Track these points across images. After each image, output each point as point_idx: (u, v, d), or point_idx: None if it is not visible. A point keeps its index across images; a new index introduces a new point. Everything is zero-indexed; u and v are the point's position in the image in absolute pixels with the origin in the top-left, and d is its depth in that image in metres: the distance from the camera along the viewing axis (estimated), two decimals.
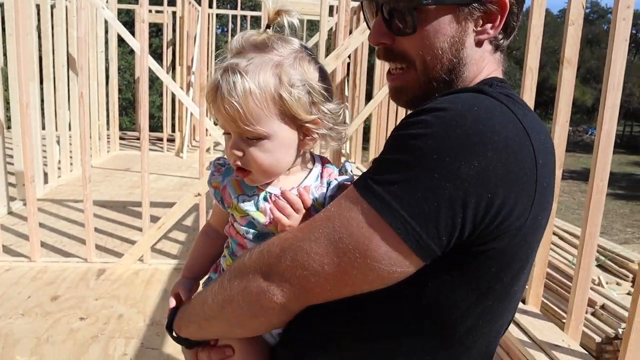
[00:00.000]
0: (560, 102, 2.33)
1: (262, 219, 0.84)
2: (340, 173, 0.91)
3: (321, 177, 0.89)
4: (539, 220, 0.71)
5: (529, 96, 2.49)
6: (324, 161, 0.93)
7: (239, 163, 0.83)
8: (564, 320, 2.41)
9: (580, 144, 18.17)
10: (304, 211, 0.83)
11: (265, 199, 0.85)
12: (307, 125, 0.83)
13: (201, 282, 0.99)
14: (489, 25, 0.77)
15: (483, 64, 0.80)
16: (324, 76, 0.85)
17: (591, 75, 22.06)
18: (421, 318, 0.73)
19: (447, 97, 0.71)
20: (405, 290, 0.69)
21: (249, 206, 0.85)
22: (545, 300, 3.66)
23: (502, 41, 0.81)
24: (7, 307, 2.73)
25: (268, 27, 0.84)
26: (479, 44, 0.79)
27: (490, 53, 0.81)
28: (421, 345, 0.74)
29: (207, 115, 4.18)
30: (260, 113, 0.79)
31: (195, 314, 0.85)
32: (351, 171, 0.92)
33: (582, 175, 12.42)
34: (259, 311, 0.73)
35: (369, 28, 0.86)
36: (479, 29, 0.77)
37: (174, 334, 0.91)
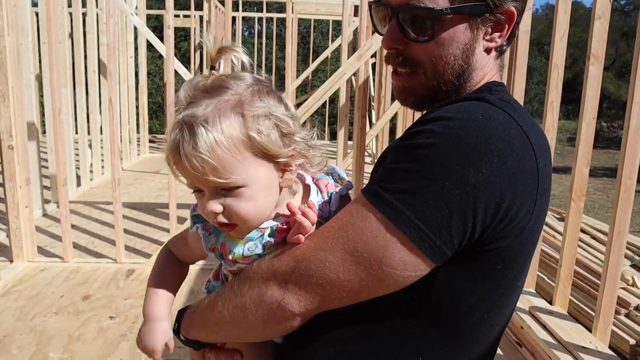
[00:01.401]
0: (586, 98, 2.29)
1: (270, 251, 0.80)
2: (334, 180, 0.89)
3: (320, 191, 0.87)
4: (540, 218, 0.75)
5: (555, 94, 2.44)
6: (305, 170, 0.87)
7: (221, 219, 0.76)
8: (593, 322, 2.36)
9: (616, 140, 17.63)
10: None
11: (271, 235, 0.80)
12: (283, 160, 0.77)
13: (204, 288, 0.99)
14: (497, 34, 0.82)
15: (487, 69, 0.84)
16: (285, 104, 0.81)
17: (627, 69, 21.42)
18: (428, 312, 0.75)
19: (451, 107, 0.74)
20: (413, 285, 0.72)
21: (257, 250, 0.80)
22: (576, 301, 3.58)
23: (505, 47, 0.85)
24: (41, 305, 2.83)
25: (213, 68, 0.78)
26: (487, 51, 0.83)
27: (494, 58, 0.85)
28: (427, 338, 0.77)
29: None
30: (233, 161, 0.72)
31: (205, 319, 0.85)
32: (344, 177, 0.89)
33: (616, 174, 12.03)
34: (274, 320, 0.75)
35: (377, 31, 0.88)
36: (488, 37, 0.82)
37: (181, 336, 0.92)
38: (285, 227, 0.80)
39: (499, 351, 2.30)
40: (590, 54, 2.26)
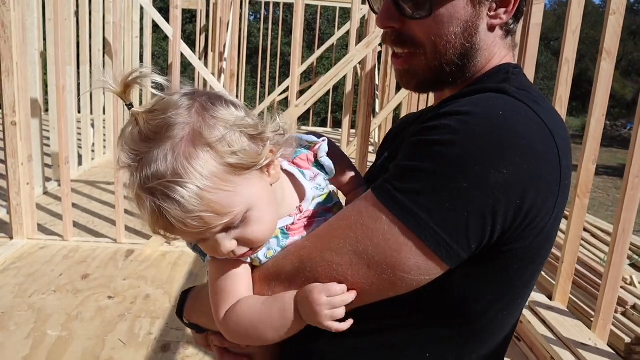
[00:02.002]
0: (597, 95, 2.26)
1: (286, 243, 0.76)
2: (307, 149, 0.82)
3: (304, 169, 0.80)
4: (559, 216, 0.71)
5: (564, 88, 2.42)
6: (285, 156, 0.78)
7: (240, 251, 0.71)
8: (592, 319, 2.36)
9: (618, 139, 17.60)
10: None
11: (284, 233, 0.76)
12: (265, 162, 0.70)
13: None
14: (502, 10, 0.76)
15: (495, 49, 0.79)
16: (233, 103, 0.71)
17: (633, 68, 21.30)
18: (439, 311, 0.72)
19: (468, 99, 0.69)
20: (425, 284, 0.68)
21: (278, 248, 0.76)
22: (574, 298, 3.58)
23: (512, 26, 0.79)
24: (40, 283, 2.83)
25: (129, 106, 0.66)
26: (491, 28, 0.77)
27: (502, 38, 0.79)
28: (436, 338, 0.74)
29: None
30: (227, 195, 0.65)
31: (209, 308, 0.79)
32: (313, 139, 0.81)
33: (618, 172, 12.03)
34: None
35: (373, 11, 0.84)
36: (492, 13, 0.76)
37: (184, 319, 0.89)
38: (293, 224, 0.76)
39: None
40: (603, 50, 2.24)
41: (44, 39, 4.41)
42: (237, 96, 6.60)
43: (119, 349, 2.25)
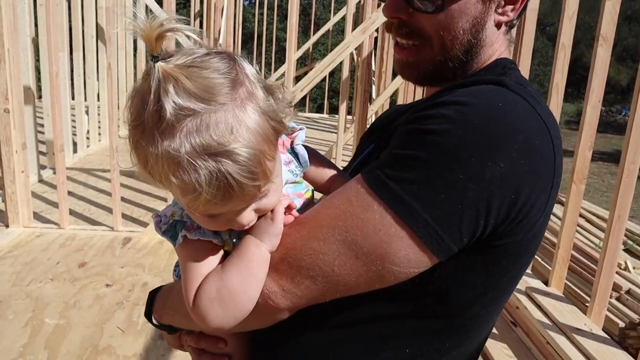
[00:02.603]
0: (593, 81, 2.26)
1: None
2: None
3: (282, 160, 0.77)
4: (549, 214, 0.70)
5: (560, 74, 2.41)
6: None
7: (253, 223, 0.68)
8: (587, 304, 2.38)
9: (613, 125, 17.65)
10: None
11: None
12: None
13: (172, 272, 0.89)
14: (509, 7, 0.76)
15: (497, 45, 0.79)
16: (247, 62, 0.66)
17: (628, 53, 21.26)
18: (424, 304, 0.70)
19: (466, 90, 0.68)
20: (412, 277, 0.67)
21: None
22: (568, 283, 3.61)
23: (515, 22, 0.80)
24: (37, 271, 2.82)
25: (155, 58, 0.58)
26: (498, 25, 0.77)
27: (504, 34, 0.80)
28: (418, 331, 0.73)
29: None
30: (273, 163, 0.63)
31: (180, 304, 0.75)
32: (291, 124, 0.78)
33: (613, 157, 12.08)
34: (257, 312, 0.68)
35: None
36: (500, 10, 0.76)
37: (153, 320, 0.85)
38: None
39: (493, 330, 2.33)
40: (600, 35, 2.23)
41: (36, 25, 4.35)
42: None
43: (117, 337, 2.26)
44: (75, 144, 5.32)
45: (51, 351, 2.12)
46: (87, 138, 5.61)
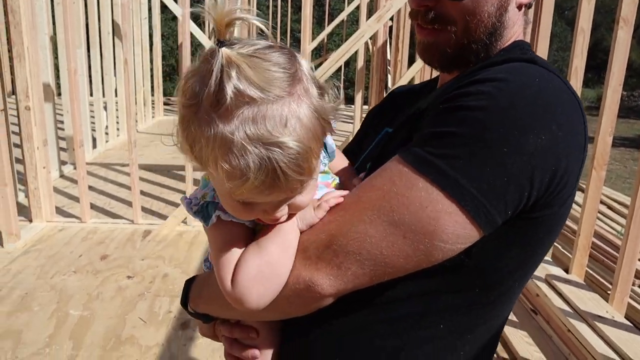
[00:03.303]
0: (613, 64, 2.21)
1: None
2: None
3: None
4: (576, 188, 0.72)
5: (579, 59, 2.37)
6: None
7: (284, 218, 0.68)
8: (609, 292, 2.35)
9: (635, 110, 17.27)
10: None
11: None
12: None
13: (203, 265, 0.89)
14: None
15: (517, 26, 0.80)
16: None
17: None
18: (461, 279, 0.70)
19: (501, 67, 0.69)
20: None
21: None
22: (590, 271, 3.57)
23: (532, 1, 0.80)
24: (61, 265, 2.88)
25: (222, 43, 0.59)
26: (519, 7, 0.79)
27: (522, 15, 0.80)
28: (453, 305, 0.73)
29: None
30: (317, 160, 0.64)
31: (218, 293, 0.73)
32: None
33: (636, 143, 11.84)
34: (300, 301, 0.68)
35: None
36: None
37: (189, 309, 0.85)
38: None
39: (513, 317, 2.31)
40: (620, 18, 2.18)
41: (54, 23, 4.40)
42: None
43: (139, 328, 2.30)
44: (94, 139, 5.40)
45: (76, 341, 2.17)
46: (106, 133, 5.68)
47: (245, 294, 0.67)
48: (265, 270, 0.67)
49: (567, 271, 2.49)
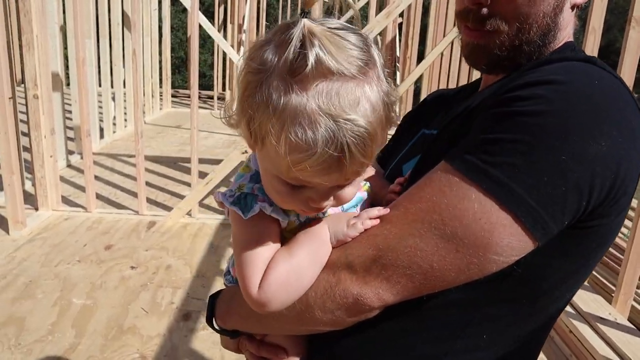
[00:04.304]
0: (624, 64, 2.19)
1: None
2: None
3: None
4: (632, 196, 0.68)
5: None
6: None
7: (325, 208, 0.67)
8: (612, 294, 2.34)
9: None
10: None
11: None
12: None
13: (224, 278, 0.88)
14: None
15: (569, 28, 0.77)
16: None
17: None
18: (509, 287, 0.66)
19: (557, 68, 0.66)
20: None
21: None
22: (594, 273, 3.54)
23: (586, 2, 0.77)
24: (65, 253, 2.90)
25: (305, 13, 0.60)
26: (573, 7, 0.75)
27: (574, 16, 0.77)
28: (498, 315, 0.69)
29: None
30: (376, 151, 0.62)
31: (252, 311, 0.70)
32: None
33: None
34: (348, 314, 0.66)
35: None
36: None
37: (216, 325, 0.83)
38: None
39: None
40: (632, 18, 2.15)
41: (64, 13, 4.42)
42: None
43: (141, 317, 2.31)
44: (102, 129, 5.42)
45: (78, 330, 2.18)
46: (114, 124, 5.71)
47: (270, 300, 0.66)
48: (293, 278, 0.66)
49: None
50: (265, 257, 0.67)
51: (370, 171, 0.83)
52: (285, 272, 0.65)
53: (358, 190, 0.74)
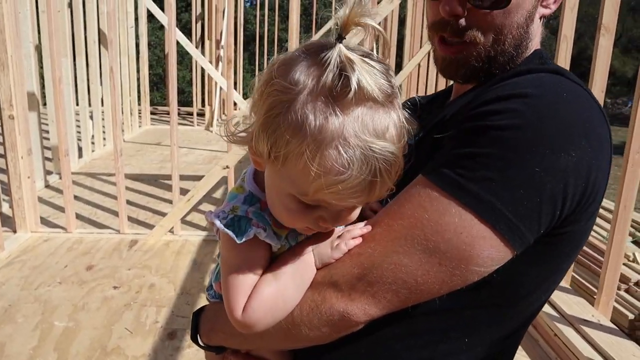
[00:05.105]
0: (596, 71, 2.24)
1: None
2: None
3: None
4: (601, 201, 0.72)
5: (563, 66, 2.40)
6: None
7: (329, 228, 0.68)
8: (594, 296, 2.37)
9: (619, 117, 17.51)
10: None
11: None
12: None
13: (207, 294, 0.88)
14: (551, 0, 0.78)
15: (537, 38, 0.80)
16: None
17: (633, 44, 21.12)
18: (489, 294, 0.69)
19: (527, 81, 0.68)
20: None
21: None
22: (576, 276, 3.60)
23: (553, 13, 0.81)
24: (45, 275, 2.84)
25: (341, 38, 0.59)
26: (541, 18, 0.79)
27: (541, 25, 0.81)
28: (479, 321, 0.72)
29: (235, 89, 4.18)
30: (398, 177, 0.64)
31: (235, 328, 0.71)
32: None
33: (620, 150, 11.91)
34: (334, 330, 0.67)
35: None
36: (544, 3, 0.78)
37: (200, 342, 0.83)
38: None
39: None
40: (601, 25, 2.21)
41: (39, 32, 4.38)
42: (235, 84, 6.59)
43: (125, 338, 2.27)
44: (80, 149, 5.35)
45: (61, 353, 2.13)
46: (92, 143, 5.64)
47: (255, 324, 0.67)
48: (279, 304, 0.67)
49: None
50: (253, 281, 0.68)
51: None
52: (271, 297, 0.66)
53: None
